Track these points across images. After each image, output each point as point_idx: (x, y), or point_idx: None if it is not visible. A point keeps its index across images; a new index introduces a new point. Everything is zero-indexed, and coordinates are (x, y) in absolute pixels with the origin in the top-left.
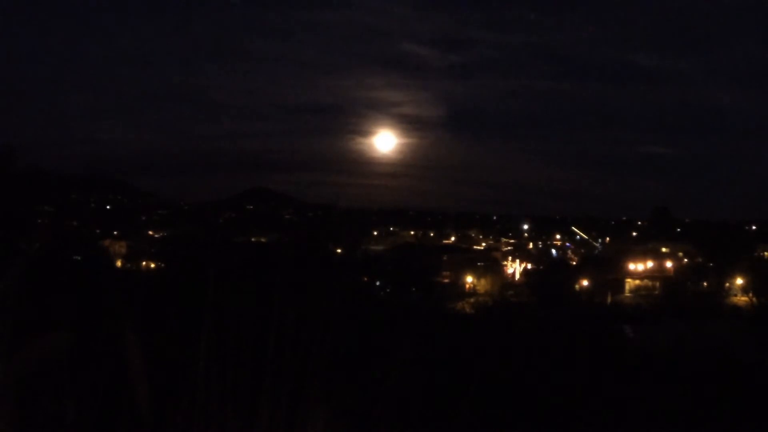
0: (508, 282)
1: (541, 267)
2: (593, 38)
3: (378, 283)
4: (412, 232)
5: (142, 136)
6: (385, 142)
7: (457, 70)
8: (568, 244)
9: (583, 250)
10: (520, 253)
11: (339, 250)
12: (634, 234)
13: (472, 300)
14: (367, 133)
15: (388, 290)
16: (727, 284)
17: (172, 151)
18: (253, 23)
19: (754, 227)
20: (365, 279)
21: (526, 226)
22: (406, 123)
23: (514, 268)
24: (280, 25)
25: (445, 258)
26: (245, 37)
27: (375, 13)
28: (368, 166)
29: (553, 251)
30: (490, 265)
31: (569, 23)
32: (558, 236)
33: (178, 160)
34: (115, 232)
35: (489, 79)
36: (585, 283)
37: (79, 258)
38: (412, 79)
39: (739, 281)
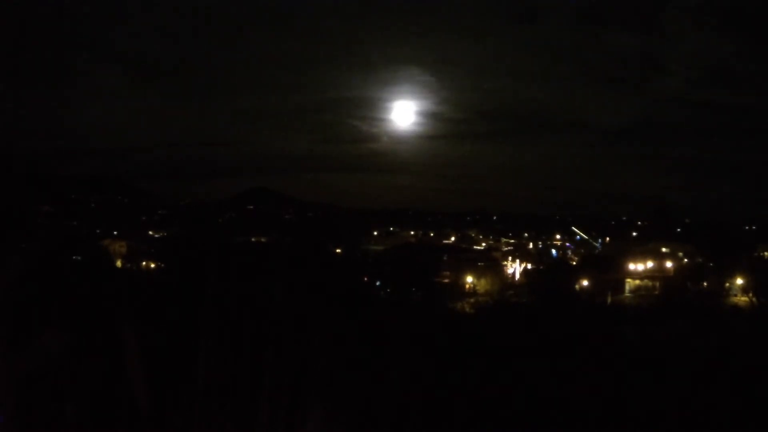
0: (508, 282)
1: (541, 267)
2: None
3: (378, 283)
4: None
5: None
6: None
7: (654, 87)
8: (568, 244)
9: (583, 250)
10: (520, 253)
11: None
12: (634, 234)
13: (472, 300)
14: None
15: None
16: (727, 284)
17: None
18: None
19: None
20: (365, 279)
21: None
22: (554, 130)
23: (514, 268)
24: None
25: (445, 258)
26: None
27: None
28: (446, 168)
29: (553, 251)
30: (490, 265)
31: None
32: (558, 236)
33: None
34: (115, 232)
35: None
36: (585, 283)
37: (79, 258)
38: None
39: (739, 281)
